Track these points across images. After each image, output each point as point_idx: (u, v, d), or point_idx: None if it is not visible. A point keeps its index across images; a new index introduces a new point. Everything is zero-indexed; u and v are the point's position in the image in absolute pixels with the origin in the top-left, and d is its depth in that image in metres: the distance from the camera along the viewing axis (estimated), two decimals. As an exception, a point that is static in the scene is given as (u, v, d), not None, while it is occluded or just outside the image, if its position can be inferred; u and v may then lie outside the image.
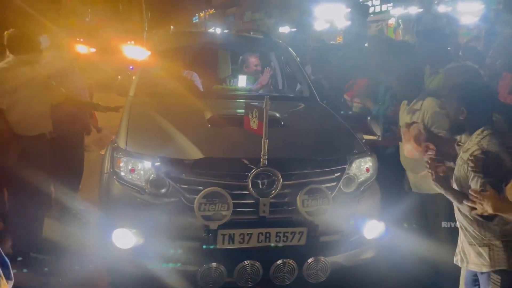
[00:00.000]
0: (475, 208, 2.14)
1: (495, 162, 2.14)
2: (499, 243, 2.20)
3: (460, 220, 2.36)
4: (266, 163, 2.68)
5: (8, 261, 1.95)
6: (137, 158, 2.81)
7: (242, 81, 4.47)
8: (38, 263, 3.38)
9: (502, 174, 2.15)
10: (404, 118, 3.13)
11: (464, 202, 2.21)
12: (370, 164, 3.13)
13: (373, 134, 3.61)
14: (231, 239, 2.67)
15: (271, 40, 5.18)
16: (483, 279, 2.27)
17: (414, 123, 2.85)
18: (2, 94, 3.32)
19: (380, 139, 3.50)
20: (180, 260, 2.71)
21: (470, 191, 2.15)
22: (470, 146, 2.24)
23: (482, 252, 2.23)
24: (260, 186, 2.71)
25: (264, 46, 5.03)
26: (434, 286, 3.16)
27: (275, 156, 2.72)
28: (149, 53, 4.51)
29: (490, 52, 4.24)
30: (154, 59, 4.39)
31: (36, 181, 3.50)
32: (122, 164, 2.82)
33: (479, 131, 2.24)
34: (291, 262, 2.74)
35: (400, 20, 16.62)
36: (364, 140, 3.47)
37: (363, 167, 3.09)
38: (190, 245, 2.71)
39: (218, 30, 26.81)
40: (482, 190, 2.09)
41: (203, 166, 2.74)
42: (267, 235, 2.70)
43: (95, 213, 3.11)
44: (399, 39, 10.58)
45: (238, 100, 4.16)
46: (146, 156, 2.80)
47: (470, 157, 2.18)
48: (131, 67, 8.94)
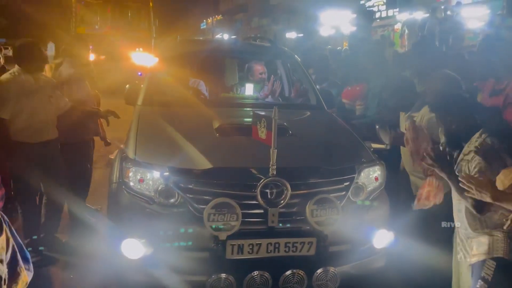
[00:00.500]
0: (477, 201, 2.20)
1: (495, 159, 2.22)
2: (500, 234, 2.28)
3: (460, 217, 2.44)
4: (275, 173, 2.68)
5: (28, 254, 2.04)
6: (146, 168, 2.82)
7: (249, 89, 4.47)
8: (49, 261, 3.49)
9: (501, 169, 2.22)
10: (403, 125, 3.20)
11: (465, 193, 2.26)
12: (379, 173, 3.12)
13: (381, 142, 3.60)
14: (240, 249, 2.66)
15: (278, 48, 5.20)
16: (476, 266, 2.34)
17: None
18: (5, 104, 3.38)
19: (388, 147, 3.50)
20: (189, 271, 2.71)
21: (469, 177, 2.22)
22: (471, 148, 2.32)
23: (483, 242, 2.31)
24: (269, 196, 2.71)
25: (270, 54, 5.03)
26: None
27: (283, 165, 2.72)
28: (157, 60, 4.54)
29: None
30: (162, 67, 4.42)
31: (45, 187, 3.64)
32: (131, 174, 2.83)
33: (477, 135, 2.33)
34: (300, 272, 2.72)
35: (405, 26, 16.60)
36: (372, 149, 3.46)
37: (372, 176, 3.08)
38: (199, 255, 2.71)
39: (226, 36, 26.96)
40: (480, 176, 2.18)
41: (212, 176, 2.75)
42: (276, 246, 2.69)
43: (103, 222, 3.11)
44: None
45: (246, 109, 4.16)
46: (155, 166, 2.80)
47: (473, 156, 2.27)
48: (140, 74, 9.01)
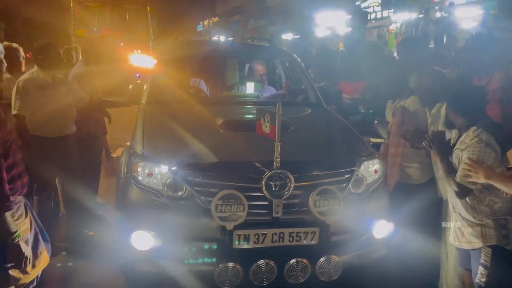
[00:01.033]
0: (461, 187, 2.47)
1: (489, 151, 2.45)
2: (490, 221, 2.48)
3: (453, 204, 2.66)
4: (279, 166, 2.78)
5: (47, 235, 2.20)
6: (154, 162, 2.92)
7: (250, 87, 4.59)
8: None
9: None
10: (389, 114, 3.44)
11: (460, 177, 2.48)
12: (378, 166, 3.23)
13: (379, 137, 3.72)
14: (247, 239, 2.76)
15: (277, 47, 5.31)
16: (475, 254, 2.53)
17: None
18: (24, 102, 3.62)
19: (386, 142, 3.61)
20: (197, 261, 2.80)
21: (467, 158, 2.44)
22: (467, 140, 2.53)
23: (475, 232, 2.51)
24: (273, 188, 2.80)
25: (270, 53, 5.15)
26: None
27: (287, 158, 2.82)
28: (155, 61, 4.64)
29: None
30: (164, 68, 4.52)
31: (60, 180, 3.91)
32: (139, 169, 2.92)
33: (474, 128, 2.53)
34: (304, 261, 2.82)
35: (403, 25, 16.81)
36: (371, 143, 3.58)
37: (371, 169, 3.19)
38: (207, 245, 2.80)
39: (222, 38, 27.01)
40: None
41: (218, 170, 2.85)
42: (281, 235, 2.80)
43: (112, 215, 3.20)
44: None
45: (247, 106, 4.28)
46: (163, 161, 2.90)
47: (469, 147, 2.49)
48: (138, 75, 9.10)
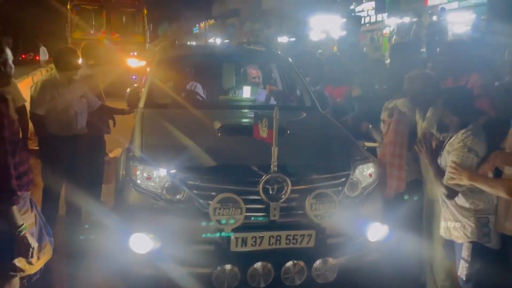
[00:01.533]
0: (449, 189, 2.64)
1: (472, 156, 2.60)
2: (472, 219, 2.65)
3: (443, 199, 2.81)
4: (276, 170, 2.83)
5: (50, 230, 2.30)
6: (153, 166, 2.95)
7: (246, 92, 4.64)
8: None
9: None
10: (385, 114, 3.60)
11: (446, 179, 2.65)
12: (372, 170, 3.28)
13: (373, 141, 3.79)
14: (244, 242, 2.80)
15: (273, 52, 5.36)
16: (458, 247, 2.75)
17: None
18: (41, 102, 3.88)
19: (380, 146, 3.68)
20: (196, 263, 2.84)
21: (451, 161, 2.58)
22: (455, 142, 2.66)
23: (458, 227, 2.71)
24: (271, 192, 2.85)
25: (266, 58, 5.20)
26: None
27: (283, 162, 2.87)
28: (152, 64, 4.68)
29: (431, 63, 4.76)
30: (162, 72, 4.55)
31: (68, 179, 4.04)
32: (138, 172, 2.96)
33: (463, 131, 2.65)
34: (300, 263, 2.87)
35: (395, 29, 17.00)
36: (365, 147, 3.64)
37: (366, 172, 3.24)
38: (205, 248, 2.84)
39: (218, 41, 27.08)
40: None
41: (216, 173, 2.89)
42: (278, 238, 2.85)
43: (111, 218, 3.23)
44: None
45: (243, 110, 4.32)
46: (161, 164, 2.93)
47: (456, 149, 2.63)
48: (134, 77, 9.12)
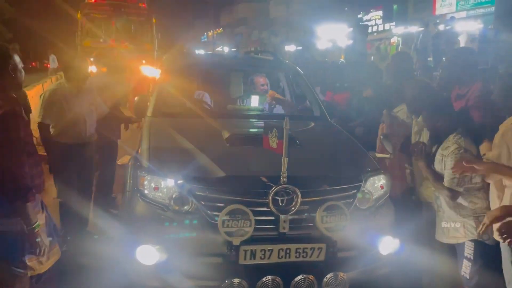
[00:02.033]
0: (452, 190, 2.79)
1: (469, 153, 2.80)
2: (471, 219, 2.79)
3: (438, 204, 2.95)
4: (286, 181, 2.77)
5: (59, 233, 2.30)
6: (160, 176, 2.90)
7: (255, 101, 4.60)
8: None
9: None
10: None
11: (448, 182, 2.82)
12: (384, 181, 3.22)
13: (385, 152, 3.72)
14: (253, 255, 2.74)
15: (280, 61, 5.33)
16: (460, 247, 2.83)
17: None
18: (49, 111, 3.93)
19: (392, 157, 3.61)
20: (203, 276, 2.78)
21: (463, 162, 2.72)
22: (449, 144, 2.86)
23: (458, 228, 2.83)
24: (280, 203, 2.79)
25: (274, 67, 5.17)
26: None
27: (293, 174, 2.81)
28: (160, 73, 4.66)
29: (440, 71, 4.91)
30: (170, 81, 4.53)
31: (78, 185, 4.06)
32: (145, 183, 2.91)
33: (455, 133, 2.88)
34: (310, 277, 2.80)
35: (399, 38, 17.00)
36: (376, 158, 3.57)
37: (377, 184, 3.18)
38: (213, 261, 2.78)
39: (226, 49, 27.20)
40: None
41: (225, 184, 2.83)
42: (287, 251, 2.78)
43: (118, 228, 3.17)
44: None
45: (252, 120, 4.28)
46: (169, 174, 2.88)
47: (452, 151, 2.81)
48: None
